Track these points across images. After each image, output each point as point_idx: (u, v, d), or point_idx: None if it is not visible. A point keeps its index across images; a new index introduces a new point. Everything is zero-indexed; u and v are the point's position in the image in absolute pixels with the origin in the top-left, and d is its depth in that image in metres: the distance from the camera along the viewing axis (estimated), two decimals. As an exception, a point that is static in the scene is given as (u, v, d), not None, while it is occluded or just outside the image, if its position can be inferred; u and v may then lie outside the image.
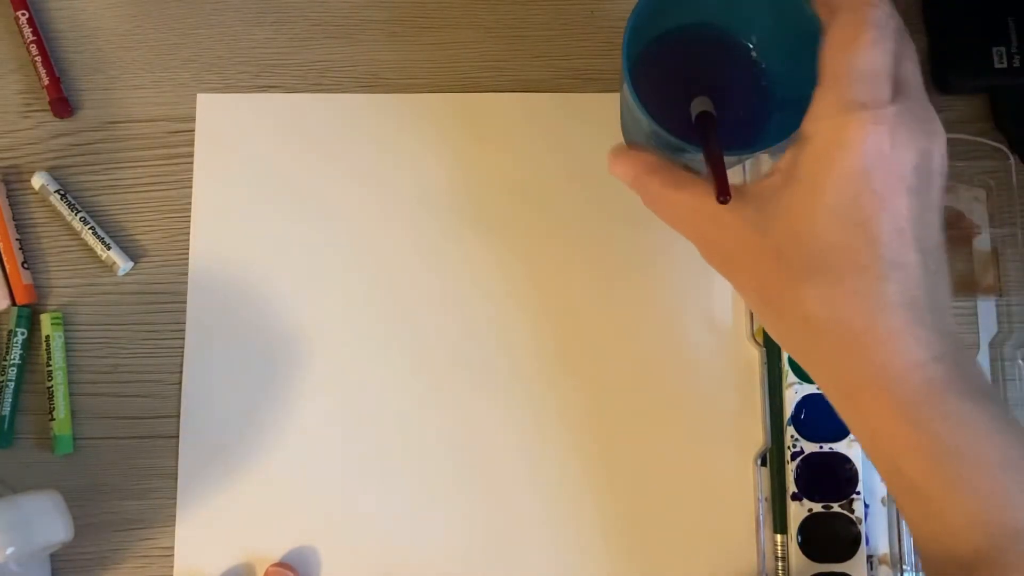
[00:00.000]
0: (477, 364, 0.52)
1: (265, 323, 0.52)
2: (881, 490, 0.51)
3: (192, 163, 0.53)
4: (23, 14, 0.54)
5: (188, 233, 0.52)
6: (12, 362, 0.51)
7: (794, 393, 0.51)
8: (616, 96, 0.54)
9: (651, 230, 0.53)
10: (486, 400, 0.52)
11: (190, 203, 0.53)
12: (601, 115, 0.54)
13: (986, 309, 0.53)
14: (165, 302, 0.52)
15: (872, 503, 0.51)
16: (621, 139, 0.54)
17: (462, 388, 0.52)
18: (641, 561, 0.50)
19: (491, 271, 0.53)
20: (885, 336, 0.35)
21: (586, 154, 0.54)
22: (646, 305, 0.52)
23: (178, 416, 0.51)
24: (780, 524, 0.50)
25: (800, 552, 0.49)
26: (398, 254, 0.53)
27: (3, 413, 0.50)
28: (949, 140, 0.53)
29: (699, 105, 0.47)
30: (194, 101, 0.54)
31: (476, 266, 0.53)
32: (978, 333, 0.52)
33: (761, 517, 0.50)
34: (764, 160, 0.53)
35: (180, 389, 0.51)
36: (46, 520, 0.45)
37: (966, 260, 0.53)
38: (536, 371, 0.52)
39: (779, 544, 0.50)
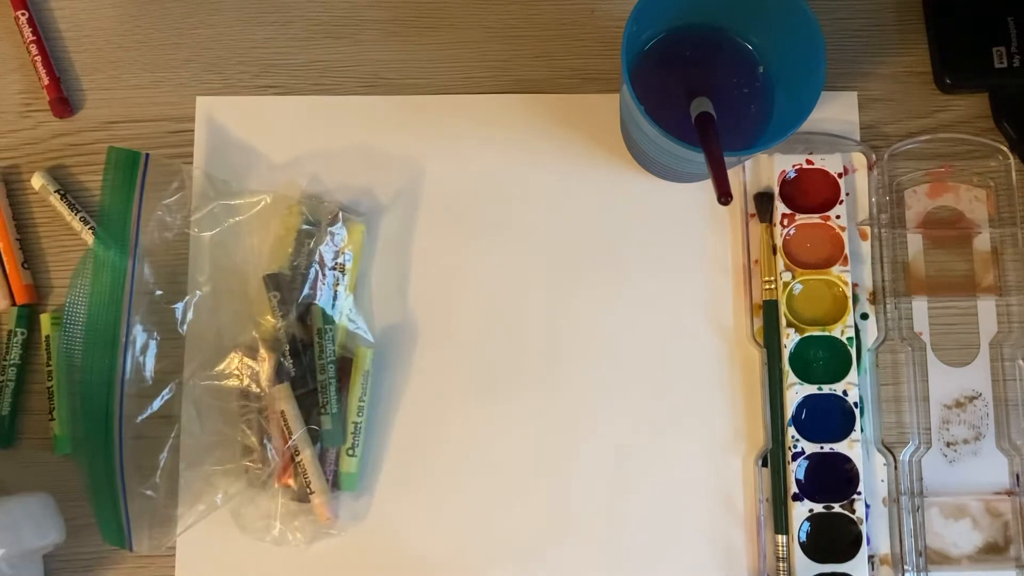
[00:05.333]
0: (477, 363, 0.52)
1: (265, 323, 0.52)
2: (882, 490, 0.51)
3: (192, 163, 0.53)
4: (23, 14, 0.54)
5: (187, 233, 0.52)
6: (12, 362, 0.51)
7: (795, 393, 0.51)
8: (616, 96, 0.54)
9: (653, 231, 0.53)
10: (487, 400, 0.51)
11: (189, 203, 0.53)
12: (601, 115, 0.54)
13: (986, 309, 0.53)
14: (165, 302, 0.52)
15: (873, 503, 0.51)
16: (621, 139, 0.54)
17: (465, 388, 0.52)
18: (642, 561, 0.50)
19: (490, 271, 0.53)
20: None
21: (586, 154, 0.54)
22: (647, 305, 0.52)
23: (178, 416, 0.51)
24: (781, 524, 0.50)
25: (801, 552, 0.49)
26: (395, 253, 0.53)
27: (3, 413, 0.50)
28: (949, 140, 0.54)
29: (699, 105, 0.47)
30: (194, 101, 0.54)
31: (475, 265, 0.53)
32: (978, 333, 0.52)
33: (762, 517, 0.50)
34: (763, 160, 0.53)
35: (180, 389, 0.51)
36: (37, 522, 0.45)
37: (966, 260, 0.53)
38: (535, 370, 0.52)
39: (780, 544, 0.50)
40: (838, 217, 0.52)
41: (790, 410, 0.50)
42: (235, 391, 0.50)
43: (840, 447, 0.50)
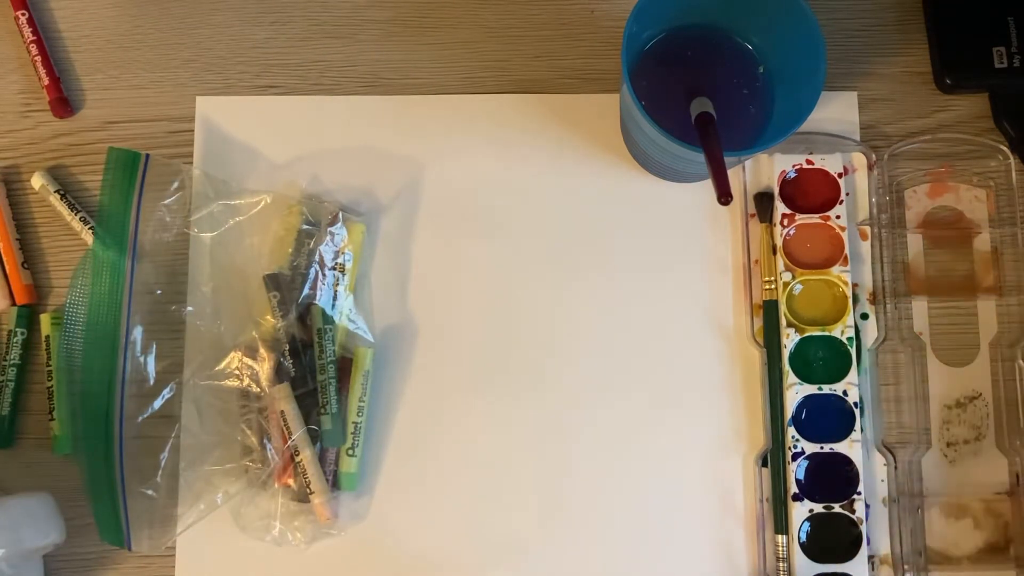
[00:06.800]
0: (477, 363, 0.52)
1: (265, 323, 0.52)
2: (882, 490, 0.51)
3: (192, 163, 0.53)
4: (23, 14, 0.54)
5: (187, 233, 0.52)
6: (12, 362, 0.51)
7: (795, 393, 0.51)
8: (616, 96, 0.54)
9: (653, 231, 0.53)
10: (487, 400, 0.51)
11: (189, 203, 0.53)
12: (601, 115, 0.54)
13: (986, 309, 0.53)
14: (165, 302, 0.52)
15: (873, 503, 0.51)
16: (621, 139, 0.54)
17: (465, 388, 0.52)
18: (642, 561, 0.50)
19: (490, 271, 0.53)
20: None
21: (586, 154, 0.54)
22: (647, 305, 0.52)
23: (179, 416, 0.51)
24: (781, 525, 0.50)
25: (801, 552, 0.49)
26: (395, 253, 0.53)
27: (3, 413, 0.50)
28: (949, 140, 0.54)
29: (699, 105, 0.47)
30: (194, 101, 0.54)
31: (475, 265, 0.53)
32: (978, 333, 0.52)
33: (762, 517, 0.50)
34: (763, 160, 0.53)
35: (180, 388, 0.51)
36: (37, 522, 0.45)
37: (966, 260, 0.53)
38: (535, 370, 0.52)
39: (780, 545, 0.50)
40: (838, 217, 0.52)
41: (790, 410, 0.50)
42: (235, 391, 0.50)
43: (840, 447, 0.50)
